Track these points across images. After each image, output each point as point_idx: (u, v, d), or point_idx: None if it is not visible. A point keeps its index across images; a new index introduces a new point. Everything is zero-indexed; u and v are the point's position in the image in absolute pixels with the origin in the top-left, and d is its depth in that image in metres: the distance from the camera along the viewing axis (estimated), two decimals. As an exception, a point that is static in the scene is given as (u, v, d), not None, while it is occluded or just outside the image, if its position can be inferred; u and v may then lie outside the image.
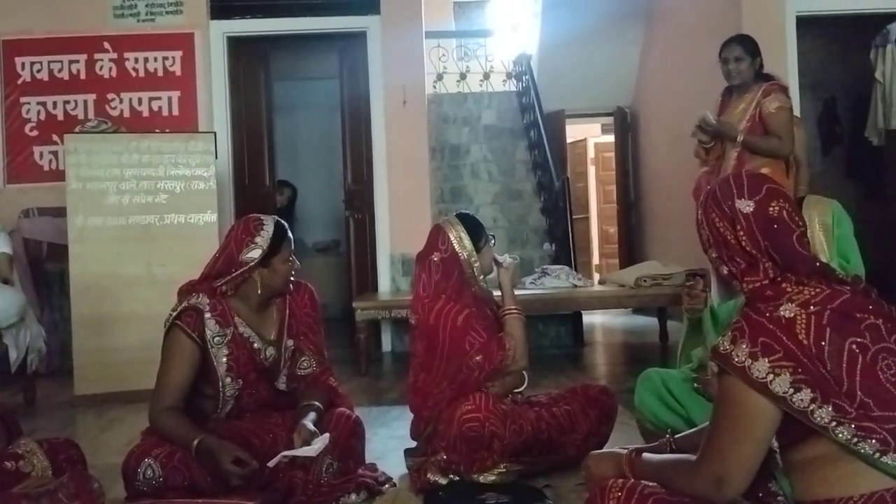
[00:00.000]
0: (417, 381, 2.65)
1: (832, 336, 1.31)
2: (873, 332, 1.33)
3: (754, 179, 1.48)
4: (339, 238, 7.99)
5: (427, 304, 2.59)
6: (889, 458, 1.28)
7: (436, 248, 2.64)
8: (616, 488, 1.43)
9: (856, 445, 1.28)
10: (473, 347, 2.52)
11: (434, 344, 2.56)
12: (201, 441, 2.24)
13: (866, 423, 1.28)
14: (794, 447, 1.37)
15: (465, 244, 2.62)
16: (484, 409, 2.41)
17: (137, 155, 4.52)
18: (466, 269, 2.63)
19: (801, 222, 1.45)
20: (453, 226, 2.65)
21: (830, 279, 1.40)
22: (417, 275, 2.67)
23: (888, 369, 1.31)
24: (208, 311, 2.41)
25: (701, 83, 6.45)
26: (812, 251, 1.48)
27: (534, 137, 7.67)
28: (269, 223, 2.48)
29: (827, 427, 1.29)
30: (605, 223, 10.28)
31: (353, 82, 6.01)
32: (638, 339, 6.32)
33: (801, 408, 1.29)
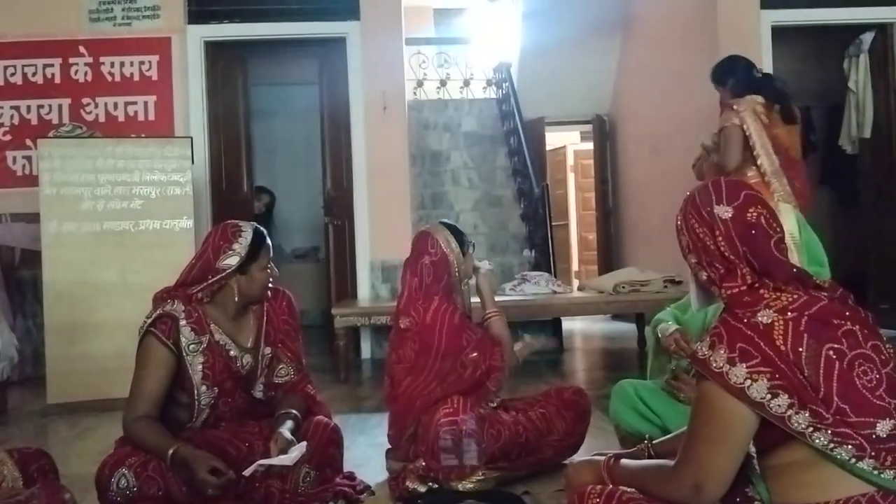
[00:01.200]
0: (400, 387, 2.64)
1: (809, 342, 1.32)
2: (850, 338, 1.34)
3: (733, 186, 1.49)
4: (318, 244, 7.96)
5: (422, 305, 2.60)
6: (865, 463, 1.29)
7: (426, 252, 2.66)
8: (594, 494, 1.43)
9: (832, 451, 1.29)
10: (469, 344, 2.56)
11: (430, 344, 2.57)
12: (177, 450, 2.21)
13: (843, 429, 1.29)
14: (771, 452, 1.38)
15: (453, 247, 2.67)
16: (461, 412, 2.41)
17: (112, 160, 4.47)
18: (454, 272, 2.66)
19: (779, 228, 1.46)
20: (440, 230, 2.70)
21: (807, 285, 1.41)
22: (408, 279, 2.68)
23: (864, 375, 1.32)
24: (183, 319, 2.38)
25: (677, 92, 6.52)
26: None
27: (514, 144, 7.70)
28: (247, 230, 2.46)
29: (804, 433, 1.30)
30: (584, 230, 10.33)
31: (332, 88, 5.99)
32: (616, 345, 6.35)
33: (778, 413, 1.30)
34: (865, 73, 5.86)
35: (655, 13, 7.14)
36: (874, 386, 1.32)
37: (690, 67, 6.25)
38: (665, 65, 6.84)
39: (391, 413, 2.71)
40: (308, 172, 7.91)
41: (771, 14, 5.64)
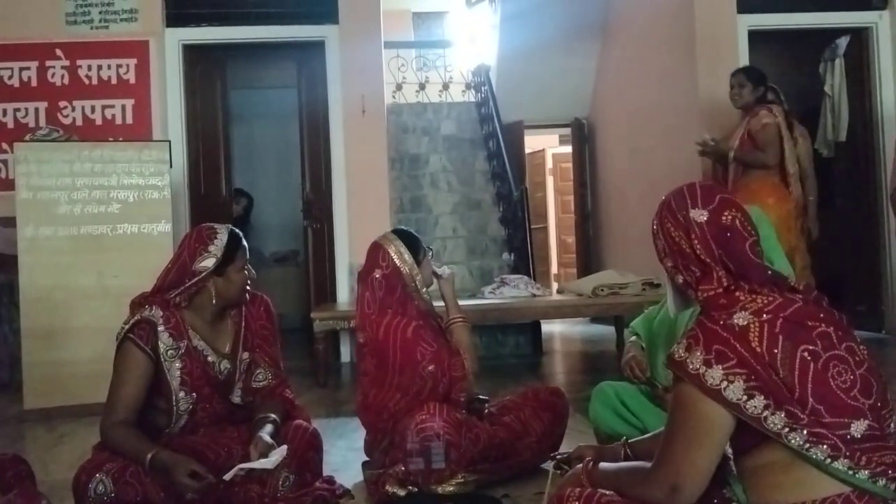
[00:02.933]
0: (368, 398, 2.63)
1: (784, 343, 1.33)
2: (824, 339, 1.36)
3: (707, 189, 1.51)
4: (297, 248, 7.92)
5: (375, 320, 2.58)
6: (840, 463, 1.30)
7: (377, 266, 2.63)
8: (573, 497, 1.44)
9: (808, 451, 1.30)
10: (425, 357, 2.52)
11: (385, 359, 2.55)
12: (155, 455, 2.20)
13: (818, 430, 1.30)
14: (747, 453, 1.39)
15: (405, 258, 2.63)
16: (439, 417, 2.41)
17: (90, 164, 4.42)
18: (409, 282, 2.63)
19: (754, 231, 1.48)
20: (391, 241, 2.66)
21: (782, 287, 1.43)
22: (361, 294, 2.65)
23: (839, 376, 1.34)
24: (161, 324, 2.37)
25: (656, 95, 6.57)
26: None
27: (493, 148, 7.71)
28: (222, 231, 2.45)
29: (780, 433, 1.31)
30: (563, 233, 10.36)
31: (311, 91, 5.98)
32: (595, 348, 6.37)
33: (754, 414, 1.31)
34: (841, 78, 5.93)
35: (634, 17, 7.19)
36: (848, 387, 1.34)
37: (668, 71, 6.31)
38: (643, 68, 6.89)
39: (363, 422, 2.71)
40: (287, 176, 7.88)
41: (747, 18, 5.71)
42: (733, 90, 4.73)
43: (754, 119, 4.58)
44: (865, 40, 5.86)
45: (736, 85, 4.71)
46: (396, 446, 2.48)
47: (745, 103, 4.68)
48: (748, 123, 4.62)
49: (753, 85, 4.65)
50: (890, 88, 5.74)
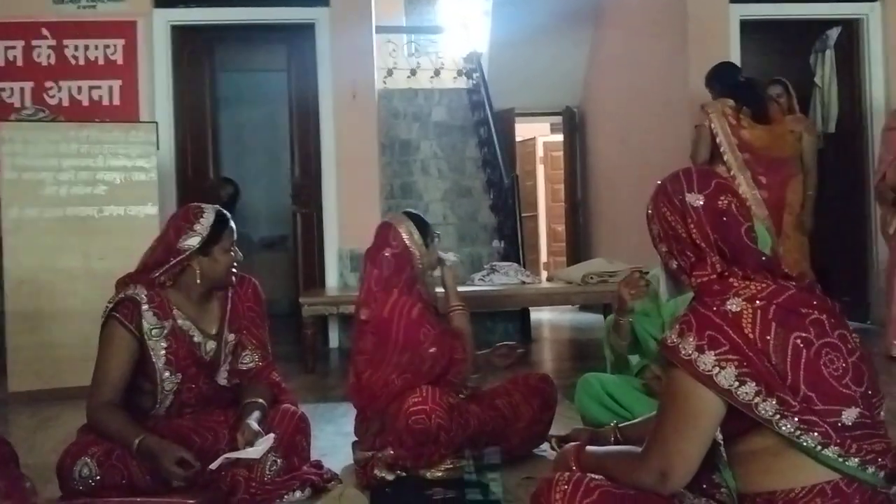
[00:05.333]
0: (362, 379, 2.62)
1: (777, 330, 1.33)
2: (817, 327, 1.36)
3: (704, 175, 1.51)
4: (285, 233, 7.87)
5: (380, 297, 2.57)
6: (830, 450, 1.30)
7: (387, 244, 2.62)
8: (563, 481, 1.43)
9: (798, 438, 1.30)
10: (427, 339, 2.52)
11: (387, 337, 2.54)
12: (142, 440, 2.19)
13: (809, 417, 1.30)
14: (737, 440, 1.39)
15: (416, 239, 2.62)
16: (430, 401, 2.40)
17: (76, 144, 4.38)
18: (417, 264, 2.62)
19: (749, 217, 1.48)
20: (403, 221, 2.65)
21: (776, 274, 1.43)
22: (368, 271, 2.64)
23: (831, 364, 1.33)
24: (146, 303, 2.35)
25: (647, 85, 6.56)
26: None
27: (484, 135, 7.69)
28: (209, 211, 2.44)
29: (771, 420, 1.31)
30: (553, 221, 10.36)
31: (301, 75, 5.92)
32: (584, 336, 6.38)
33: (745, 401, 1.31)
34: (831, 69, 5.94)
35: (626, 5, 7.17)
36: (840, 374, 1.33)
37: (660, 60, 6.30)
38: (635, 57, 6.87)
39: (355, 405, 2.70)
40: (276, 160, 7.83)
41: (739, 8, 5.69)
42: None
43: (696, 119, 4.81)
44: (856, 31, 5.85)
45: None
46: (388, 430, 2.47)
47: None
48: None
49: (707, 87, 4.92)
50: (880, 80, 5.74)
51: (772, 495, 1.35)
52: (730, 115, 4.69)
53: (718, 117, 4.71)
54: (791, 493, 1.33)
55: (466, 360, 2.59)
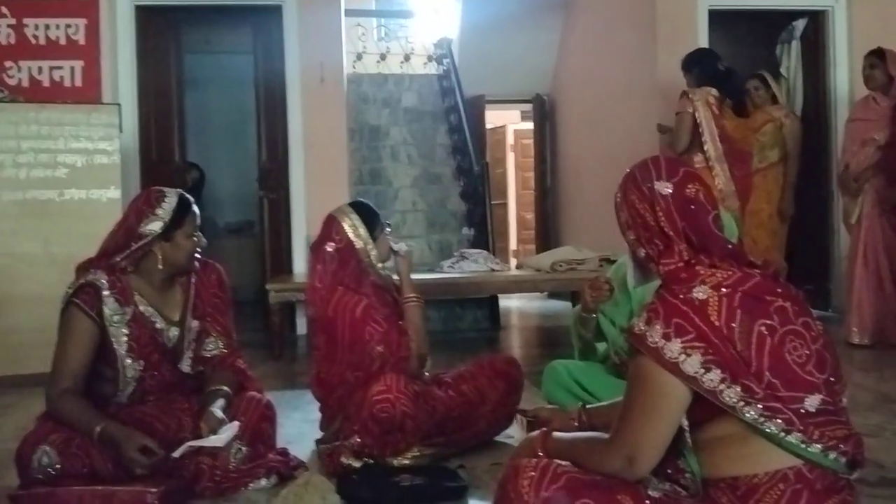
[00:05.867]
0: (321, 373, 2.61)
1: (742, 318, 1.34)
2: (781, 314, 1.37)
3: (672, 163, 1.52)
4: (252, 218, 7.80)
5: (324, 296, 2.54)
6: (793, 437, 1.32)
7: (330, 238, 2.59)
8: (529, 468, 1.43)
9: (762, 425, 1.32)
10: (373, 338, 2.50)
11: (334, 335, 2.53)
12: (104, 428, 2.16)
13: (773, 404, 1.31)
14: (702, 426, 1.40)
15: (360, 233, 2.59)
16: (395, 390, 2.38)
17: (36, 126, 4.30)
18: (363, 257, 2.59)
19: (715, 205, 1.49)
20: (346, 215, 2.61)
21: (741, 262, 1.44)
22: (312, 266, 2.62)
23: (795, 351, 1.35)
24: (106, 289, 2.31)
25: (616, 73, 6.58)
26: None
27: (454, 121, 7.66)
28: (171, 195, 2.39)
29: (735, 407, 1.32)
30: (522, 209, 10.39)
31: (268, 58, 5.84)
32: (552, 323, 6.42)
33: (710, 388, 1.32)
34: (797, 60, 6.01)
35: (596, -6, 7.18)
36: (804, 361, 1.35)
37: (629, 49, 6.32)
38: (605, 46, 6.89)
39: (317, 397, 2.69)
40: (242, 144, 7.73)
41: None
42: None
43: (676, 105, 4.80)
44: (822, 23, 5.92)
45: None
46: (351, 419, 2.46)
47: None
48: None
49: (687, 73, 4.86)
50: (844, 71, 5.81)
51: (735, 480, 1.36)
52: (713, 105, 4.71)
53: (703, 105, 4.70)
54: (754, 479, 1.34)
55: (411, 357, 2.56)
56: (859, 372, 3.90)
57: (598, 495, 1.37)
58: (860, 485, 2.13)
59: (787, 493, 1.32)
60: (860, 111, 4.77)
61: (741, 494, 1.35)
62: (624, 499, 1.37)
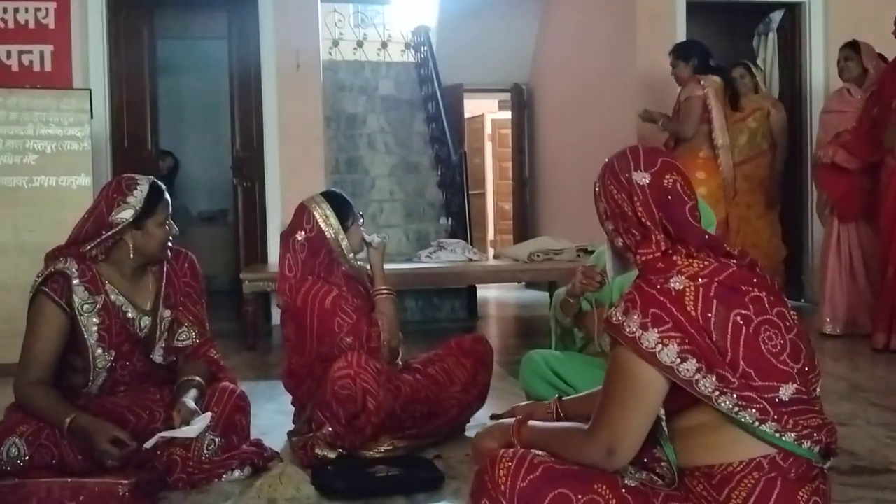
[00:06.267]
0: (291, 364, 2.59)
1: (718, 308, 1.35)
2: (757, 304, 1.37)
3: (650, 153, 1.51)
4: (226, 207, 7.73)
5: (293, 285, 2.52)
6: (767, 426, 1.32)
7: (300, 227, 2.56)
8: (506, 458, 1.43)
9: (737, 414, 1.32)
10: (342, 329, 2.47)
11: (303, 326, 2.51)
12: (74, 419, 2.13)
13: (747, 393, 1.32)
14: (678, 415, 1.41)
15: (331, 223, 2.56)
16: (356, 365, 2.34)
17: (4, 111, 4.23)
18: (335, 247, 2.57)
19: (693, 196, 1.49)
20: (318, 204, 2.58)
21: (718, 252, 1.44)
22: (282, 255, 2.58)
23: (770, 341, 1.36)
24: (76, 277, 2.27)
25: (595, 63, 6.58)
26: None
27: (432, 110, 7.62)
28: (143, 182, 2.35)
29: (710, 396, 1.32)
30: (500, 199, 10.39)
31: (242, 44, 5.77)
32: (529, 313, 6.44)
33: (686, 378, 1.32)
34: (773, 52, 6.05)
35: (575, -17, 7.17)
36: (778, 351, 1.36)
37: (607, 40, 6.32)
38: (583, 36, 6.89)
39: (287, 388, 2.67)
40: (216, 131, 7.65)
41: (687, -11, 5.74)
42: (672, 68, 4.92)
43: (683, 91, 4.77)
44: (798, 15, 5.96)
45: (671, 65, 4.90)
46: (321, 405, 2.43)
47: (683, 81, 4.83)
48: (679, 95, 4.82)
49: (684, 62, 4.81)
50: (819, 63, 5.86)
51: (711, 469, 1.37)
52: (721, 95, 4.76)
53: (713, 92, 4.72)
54: (729, 467, 1.35)
55: (380, 348, 2.54)
56: (831, 362, 3.95)
57: (574, 485, 1.37)
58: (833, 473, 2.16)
59: (761, 482, 1.33)
60: (835, 103, 4.81)
61: (716, 483, 1.36)
62: (601, 488, 1.37)
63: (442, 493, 2.21)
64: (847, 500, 2.05)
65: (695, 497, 1.37)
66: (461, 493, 2.11)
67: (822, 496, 1.37)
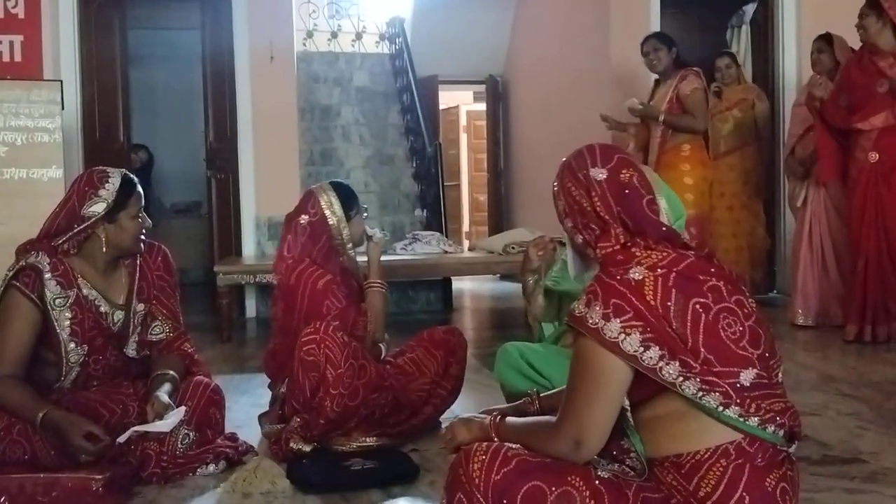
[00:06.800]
0: (275, 344, 2.61)
1: (677, 296, 1.37)
2: (715, 293, 1.40)
3: (606, 150, 1.55)
4: (199, 199, 7.67)
5: (290, 265, 2.56)
6: (731, 410, 1.35)
7: (304, 211, 2.61)
8: (481, 451, 1.44)
9: (701, 399, 1.34)
10: (330, 313, 2.49)
11: (292, 306, 2.53)
12: (47, 414, 2.11)
13: (710, 378, 1.34)
14: (644, 405, 1.43)
15: (335, 210, 2.60)
16: (322, 332, 2.35)
17: (-28, 102, 4.17)
18: (335, 235, 2.60)
19: (650, 189, 1.52)
20: (325, 191, 2.64)
21: (676, 244, 1.48)
22: (283, 236, 2.64)
23: (728, 328, 1.38)
24: (48, 271, 2.25)
25: (569, 55, 6.60)
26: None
27: (406, 102, 7.61)
28: (115, 175, 2.33)
29: (674, 383, 1.35)
30: (475, 191, 10.41)
31: (215, 34, 5.72)
32: (505, 305, 6.46)
33: (650, 365, 1.35)
34: (746, 44, 6.10)
35: (550, -26, 7.17)
36: (738, 337, 1.38)
37: (582, 31, 6.34)
38: (557, 28, 6.90)
39: (266, 372, 2.68)
40: (189, 122, 7.58)
41: (660, -19, 5.77)
42: (649, 56, 4.67)
43: (683, 83, 4.53)
44: (771, 7, 6.01)
45: (651, 51, 4.66)
46: (289, 385, 2.43)
47: (664, 67, 4.64)
48: (676, 87, 4.56)
49: (667, 48, 4.63)
50: (792, 56, 5.91)
51: (679, 458, 1.39)
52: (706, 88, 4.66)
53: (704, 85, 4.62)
54: (697, 455, 1.37)
55: (364, 338, 2.56)
56: (803, 352, 4.00)
57: (548, 477, 1.38)
58: (804, 463, 2.20)
59: (729, 469, 1.35)
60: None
61: (685, 472, 1.37)
62: (574, 480, 1.38)
63: (417, 485, 2.22)
64: (817, 489, 2.09)
65: (665, 487, 1.39)
66: (436, 485, 2.11)
67: (789, 482, 1.39)
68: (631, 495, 1.37)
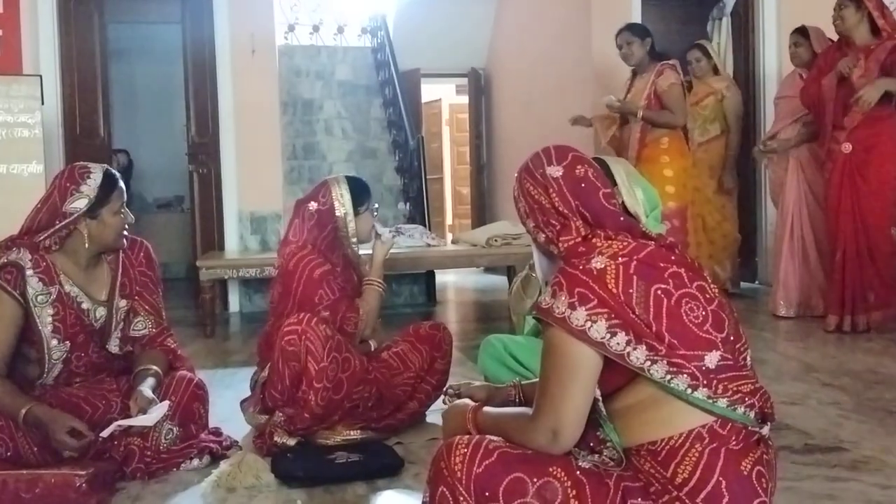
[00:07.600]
0: (268, 327, 2.62)
1: (639, 283, 1.40)
2: (676, 279, 1.43)
3: (561, 149, 1.60)
4: (181, 193, 7.63)
5: (293, 249, 2.59)
6: (700, 392, 1.37)
7: (315, 199, 2.65)
8: (462, 444, 1.45)
9: (669, 382, 1.37)
10: (322, 302, 2.52)
11: (288, 290, 2.56)
12: (30, 410, 2.10)
13: (676, 360, 1.37)
14: (616, 395, 1.45)
15: (344, 202, 2.63)
16: (304, 323, 2.37)
17: (-50, 97, 4.12)
18: (341, 227, 2.63)
19: (607, 183, 1.57)
20: (338, 183, 2.67)
21: (636, 234, 1.51)
22: (291, 220, 2.69)
23: (691, 312, 1.41)
24: (30, 268, 2.24)
25: (551, 48, 6.62)
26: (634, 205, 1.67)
27: (389, 95, 7.60)
28: (96, 171, 2.32)
29: (642, 367, 1.37)
30: (458, 184, 10.42)
31: (196, 28, 5.68)
32: (488, 297, 6.48)
33: (618, 351, 1.37)
34: (727, 36, 6.13)
35: (531, -32, 7.17)
36: (701, 322, 1.41)
37: (563, 24, 6.35)
38: (539, 20, 6.91)
39: (259, 355, 2.69)
40: (171, 117, 7.55)
41: (642, -26, 5.79)
42: (622, 50, 4.62)
43: (661, 78, 4.47)
44: (752, 0, 6.04)
45: (624, 44, 4.60)
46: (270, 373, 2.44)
47: (638, 60, 4.59)
48: (654, 83, 4.49)
49: (640, 39, 4.56)
50: (773, 48, 5.95)
51: (654, 445, 1.40)
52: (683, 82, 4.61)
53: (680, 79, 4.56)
54: (671, 441, 1.39)
55: (353, 333, 2.57)
56: (784, 342, 4.05)
57: (530, 469, 1.40)
58: (785, 452, 2.23)
59: (704, 454, 1.37)
60: (787, 88, 4.88)
61: (662, 459, 1.39)
62: (556, 471, 1.40)
63: (402, 478, 2.23)
64: (799, 478, 2.12)
65: (644, 475, 1.41)
66: (421, 478, 2.13)
67: (765, 465, 1.40)
68: (612, 484, 1.39)
